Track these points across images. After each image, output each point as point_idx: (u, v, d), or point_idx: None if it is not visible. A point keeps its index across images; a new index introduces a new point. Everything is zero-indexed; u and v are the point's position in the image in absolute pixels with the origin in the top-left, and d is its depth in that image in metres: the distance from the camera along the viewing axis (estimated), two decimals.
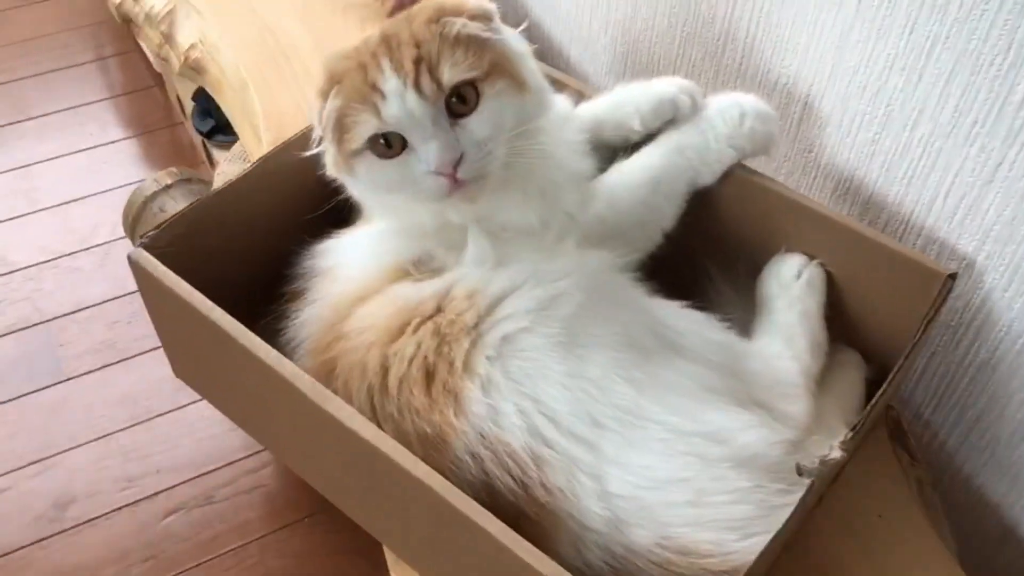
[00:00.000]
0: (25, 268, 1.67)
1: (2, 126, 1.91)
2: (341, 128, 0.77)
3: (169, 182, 1.59)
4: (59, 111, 1.96)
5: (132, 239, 1.63)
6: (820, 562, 0.82)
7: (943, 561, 0.83)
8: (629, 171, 0.86)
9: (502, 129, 0.77)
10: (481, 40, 0.76)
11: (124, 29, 2.10)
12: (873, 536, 0.84)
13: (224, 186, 0.88)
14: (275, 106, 1.19)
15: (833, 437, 0.71)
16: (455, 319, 0.72)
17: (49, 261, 1.68)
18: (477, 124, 0.76)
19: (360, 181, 0.80)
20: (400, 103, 0.74)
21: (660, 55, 1.14)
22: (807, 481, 0.70)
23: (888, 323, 0.87)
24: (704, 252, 0.92)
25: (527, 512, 0.68)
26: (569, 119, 0.88)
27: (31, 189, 1.80)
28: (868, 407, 0.74)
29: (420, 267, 0.80)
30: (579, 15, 1.24)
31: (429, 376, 0.72)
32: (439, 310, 0.74)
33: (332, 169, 0.82)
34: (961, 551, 0.86)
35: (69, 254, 1.70)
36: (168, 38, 1.33)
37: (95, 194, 1.80)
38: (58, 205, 1.78)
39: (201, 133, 1.70)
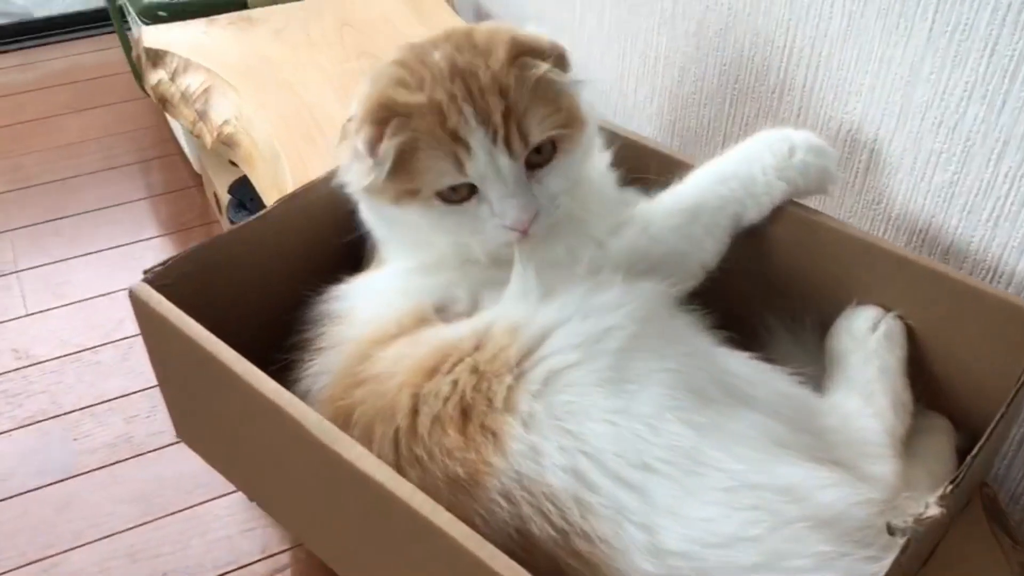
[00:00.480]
0: (46, 361, 1.61)
1: (41, 223, 1.90)
2: (403, 164, 0.72)
3: None
4: (97, 209, 1.94)
5: None
6: None
7: None
8: (668, 199, 0.80)
9: (573, 181, 0.76)
10: (560, 89, 0.74)
11: (166, 133, 2.12)
12: None
13: (236, 227, 0.82)
14: (306, 176, 1.13)
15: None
16: (496, 355, 0.65)
17: (71, 355, 1.63)
18: (553, 179, 0.74)
19: (407, 216, 0.75)
20: (487, 160, 0.71)
21: (711, 117, 1.08)
22: (900, 542, 0.59)
23: (980, 381, 0.77)
24: (764, 303, 0.83)
25: (564, 564, 0.58)
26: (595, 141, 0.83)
27: (62, 283, 1.77)
28: (969, 457, 0.63)
29: (443, 311, 0.73)
30: (623, 85, 1.19)
31: (465, 414, 0.64)
32: (478, 347, 0.67)
33: (365, 192, 0.76)
34: None
35: (92, 348, 1.64)
36: (202, 115, 1.30)
37: (123, 289, 1.75)
38: (85, 300, 1.74)
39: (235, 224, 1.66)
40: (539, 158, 0.74)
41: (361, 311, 0.76)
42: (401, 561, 0.64)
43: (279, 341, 0.77)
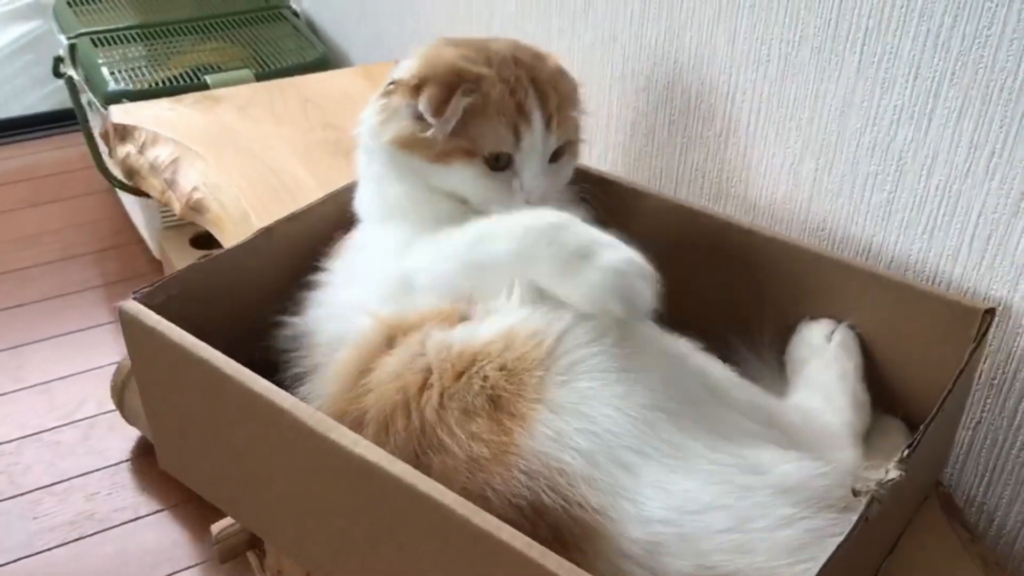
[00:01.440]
0: (3, 443, 1.60)
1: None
2: (462, 125, 0.82)
3: None
4: (55, 297, 1.95)
5: (119, 405, 1.57)
6: None
7: None
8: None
9: (564, 182, 0.91)
10: (579, 106, 0.92)
11: (123, 223, 2.15)
12: None
13: (225, 251, 0.85)
14: None
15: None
16: (524, 354, 0.70)
17: (30, 436, 1.62)
18: (560, 172, 0.89)
19: (443, 175, 0.84)
20: (541, 137, 0.84)
21: (662, 167, 1.14)
22: (862, 505, 0.63)
23: (927, 378, 0.81)
24: (723, 319, 0.87)
25: (566, 530, 0.63)
26: None
27: (19, 367, 1.76)
28: (923, 425, 0.68)
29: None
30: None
31: (495, 403, 0.68)
32: (507, 348, 0.71)
33: (401, 146, 0.85)
34: None
35: (51, 429, 1.63)
36: (171, 184, 1.34)
37: (82, 372, 1.76)
38: (44, 383, 1.73)
39: None
40: (555, 156, 0.87)
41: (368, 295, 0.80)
42: (402, 547, 0.66)
43: (267, 366, 0.79)
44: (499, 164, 0.84)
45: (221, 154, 1.34)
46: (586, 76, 1.22)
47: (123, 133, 1.42)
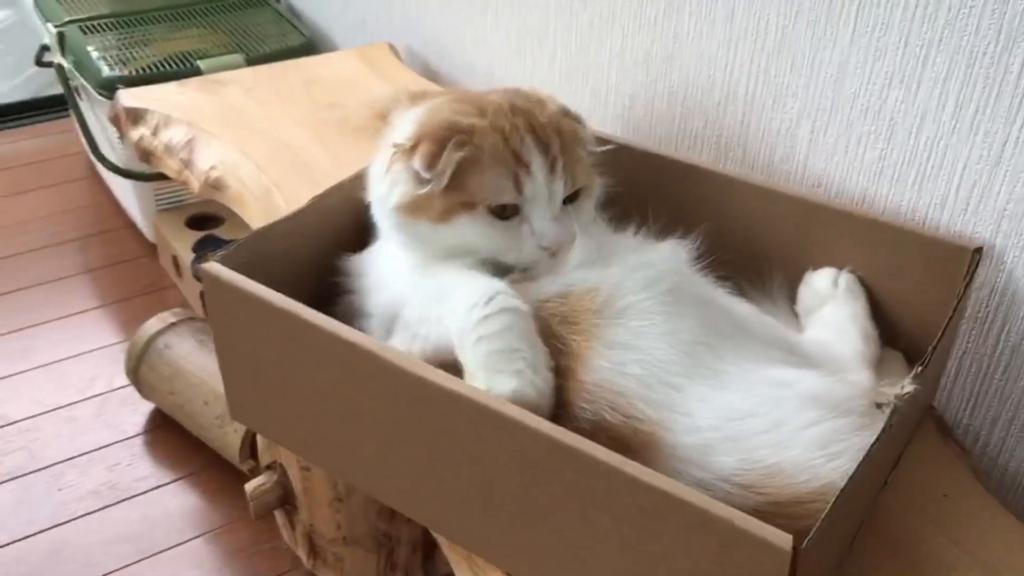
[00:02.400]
0: (20, 421, 1.64)
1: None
2: (459, 179, 0.83)
3: (174, 320, 1.61)
4: (50, 281, 1.99)
5: (135, 380, 1.62)
6: (897, 536, 0.82)
7: (1015, 529, 0.84)
8: None
9: (590, 220, 0.91)
10: (587, 147, 0.92)
11: (112, 208, 2.19)
12: (942, 512, 0.85)
13: (284, 217, 0.92)
14: (300, 203, 1.24)
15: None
16: (582, 307, 0.79)
17: (46, 413, 1.67)
18: (579, 214, 0.88)
19: (449, 234, 0.85)
20: (544, 183, 0.84)
21: (661, 135, 1.24)
22: (882, 415, 0.73)
23: (924, 315, 0.92)
24: (736, 269, 0.96)
25: (630, 440, 0.72)
26: None
27: (26, 349, 1.80)
28: (931, 347, 0.78)
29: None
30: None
31: (561, 352, 0.77)
32: (564, 303, 0.80)
33: (405, 212, 0.86)
34: None
35: (66, 405, 1.68)
36: (188, 163, 1.40)
37: (90, 351, 1.80)
38: (54, 362, 1.78)
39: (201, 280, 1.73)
40: (572, 198, 0.88)
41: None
42: (480, 463, 0.74)
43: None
44: (505, 213, 0.84)
45: (235, 133, 1.40)
46: (584, 52, 1.31)
47: (135, 116, 1.47)
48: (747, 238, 1.00)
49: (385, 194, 0.87)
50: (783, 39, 1.04)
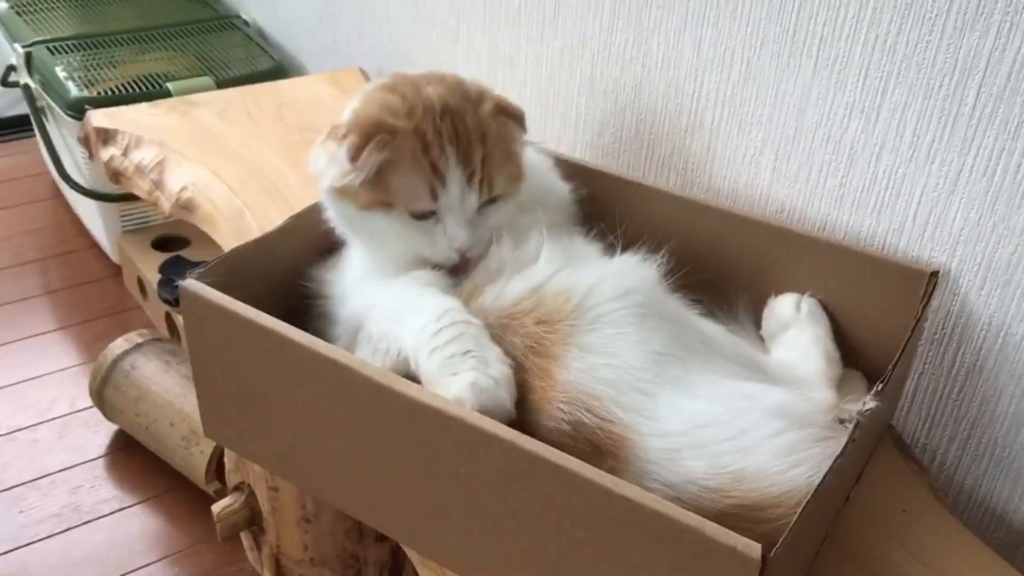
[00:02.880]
0: None
1: None
2: (380, 178, 0.86)
3: (140, 341, 1.61)
4: (13, 302, 1.97)
5: (99, 402, 1.61)
6: (859, 549, 0.85)
7: (971, 544, 0.87)
8: None
9: (506, 223, 0.92)
10: (518, 148, 0.94)
11: (75, 229, 2.17)
12: (902, 527, 0.88)
13: (263, 236, 0.93)
14: (272, 225, 1.25)
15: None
16: (557, 308, 0.81)
17: (6, 435, 1.65)
18: (493, 218, 0.91)
19: (372, 223, 0.89)
20: (458, 195, 0.87)
21: (630, 161, 1.27)
22: (844, 430, 0.76)
23: (881, 335, 0.95)
24: (703, 292, 0.99)
25: (603, 444, 0.75)
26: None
27: None
28: (891, 365, 0.81)
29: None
30: (545, 143, 1.37)
31: (535, 351, 0.80)
32: (538, 304, 0.83)
33: (336, 193, 0.89)
34: None
35: (27, 427, 1.66)
36: (158, 184, 1.40)
37: (52, 372, 1.79)
38: (13, 384, 1.76)
39: (168, 302, 1.73)
40: (489, 202, 0.90)
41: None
42: (460, 478, 0.76)
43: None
44: (422, 215, 0.88)
45: (207, 155, 1.41)
46: (555, 79, 1.34)
47: (105, 137, 1.48)
48: (713, 262, 1.02)
49: (323, 170, 0.90)
50: (748, 70, 1.07)
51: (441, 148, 0.86)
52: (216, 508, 1.27)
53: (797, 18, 1.00)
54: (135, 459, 1.61)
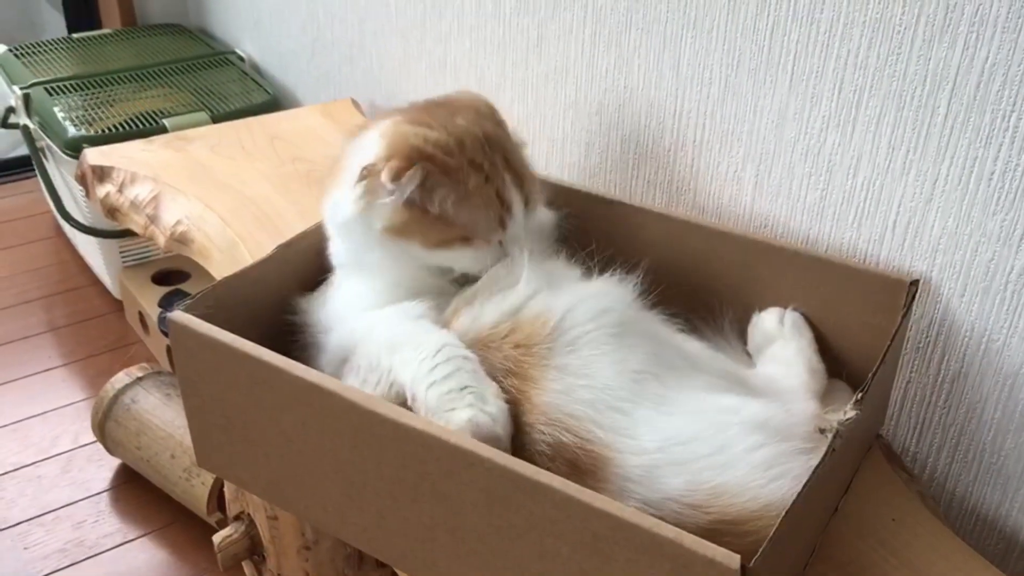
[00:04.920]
0: None
1: None
2: (446, 214, 0.89)
3: (140, 375, 1.62)
4: (14, 341, 1.99)
5: (101, 436, 1.63)
6: (849, 559, 0.85)
7: (962, 551, 0.87)
8: None
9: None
10: None
11: (77, 267, 2.20)
12: (892, 536, 0.88)
13: (250, 266, 0.95)
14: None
15: None
16: (533, 332, 0.83)
17: (9, 472, 1.66)
18: (528, 223, 0.96)
19: (447, 256, 0.92)
20: (521, 216, 0.93)
21: (616, 181, 1.28)
22: (825, 440, 0.76)
23: (864, 345, 0.96)
24: (687, 307, 1.00)
25: (582, 463, 0.76)
26: None
27: None
28: (871, 374, 0.82)
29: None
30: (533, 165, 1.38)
31: (514, 373, 0.81)
32: (513, 330, 0.84)
33: (398, 233, 0.90)
34: None
35: (31, 464, 1.68)
36: (153, 219, 1.42)
37: (55, 409, 1.80)
38: (17, 422, 1.77)
39: (168, 335, 1.75)
40: None
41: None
42: (446, 498, 0.76)
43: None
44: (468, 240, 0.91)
45: (200, 189, 1.42)
46: (540, 103, 1.36)
47: (101, 174, 1.50)
48: (698, 278, 1.03)
49: (362, 212, 0.90)
50: (726, 87, 1.09)
51: (502, 178, 0.91)
52: (217, 538, 1.28)
53: (771, 35, 1.02)
54: (138, 492, 1.62)
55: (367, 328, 0.89)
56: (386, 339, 0.86)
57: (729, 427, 0.78)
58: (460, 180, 0.88)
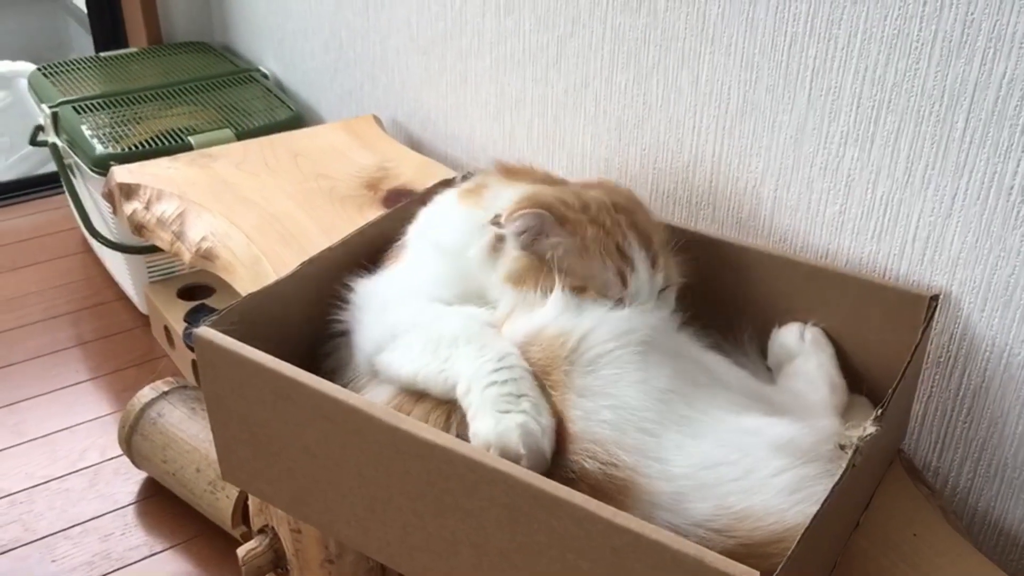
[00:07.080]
0: (14, 494, 1.66)
1: None
2: (569, 266, 0.90)
3: (166, 389, 1.64)
4: (43, 355, 2.02)
5: (127, 450, 1.65)
6: (869, 574, 0.85)
7: (983, 565, 0.87)
8: None
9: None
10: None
11: (104, 282, 2.23)
12: (914, 551, 0.88)
13: (274, 282, 0.96)
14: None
15: None
16: (553, 353, 0.83)
17: (38, 485, 1.68)
18: (665, 303, 0.96)
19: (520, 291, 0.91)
20: (647, 278, 0.92)
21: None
22: (846, 457, 0.77)
23: (885, 360, 0.96)
24: (708, 321, 1.01)
25: (607, 487, 0.75)
26: None
27: (18, 423, 1.82)
28: (891, 389, 0.82)
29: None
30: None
31: None
32: (535, 349, 0.84)
33: (516, 281, 0.91)
34: None
35: (59, 477, 1.70)
36: (179, 235, 1.44)
37: (83, 422, 1.83)
38: (45, 435, 1.80)
39: (193, 349, 1.77)
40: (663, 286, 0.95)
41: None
42: (469, 514, 0.77)
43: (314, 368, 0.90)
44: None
45: (225, 205, 1.44)
46: (560, 119, 1.37)
47: (128, 192, 1.52)
48: (718, 292, 1.04)
49: (487, 257, 0.93)
50: (745, 103, 1.10)
51: (623, 235, 0.92)
52: (241, 551, 1.29)
53: (789, 52, 1.03)
54: (164, 506, 1.64)
55: (434, 316, 0.90)
56: (451, 332, 0.87)
57: (754, 449, 0.78)
58: (576, 232, 0.90)
